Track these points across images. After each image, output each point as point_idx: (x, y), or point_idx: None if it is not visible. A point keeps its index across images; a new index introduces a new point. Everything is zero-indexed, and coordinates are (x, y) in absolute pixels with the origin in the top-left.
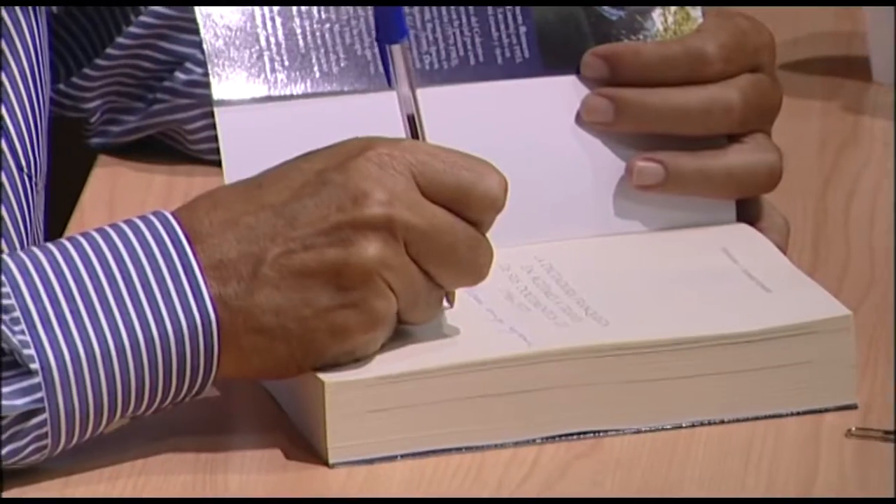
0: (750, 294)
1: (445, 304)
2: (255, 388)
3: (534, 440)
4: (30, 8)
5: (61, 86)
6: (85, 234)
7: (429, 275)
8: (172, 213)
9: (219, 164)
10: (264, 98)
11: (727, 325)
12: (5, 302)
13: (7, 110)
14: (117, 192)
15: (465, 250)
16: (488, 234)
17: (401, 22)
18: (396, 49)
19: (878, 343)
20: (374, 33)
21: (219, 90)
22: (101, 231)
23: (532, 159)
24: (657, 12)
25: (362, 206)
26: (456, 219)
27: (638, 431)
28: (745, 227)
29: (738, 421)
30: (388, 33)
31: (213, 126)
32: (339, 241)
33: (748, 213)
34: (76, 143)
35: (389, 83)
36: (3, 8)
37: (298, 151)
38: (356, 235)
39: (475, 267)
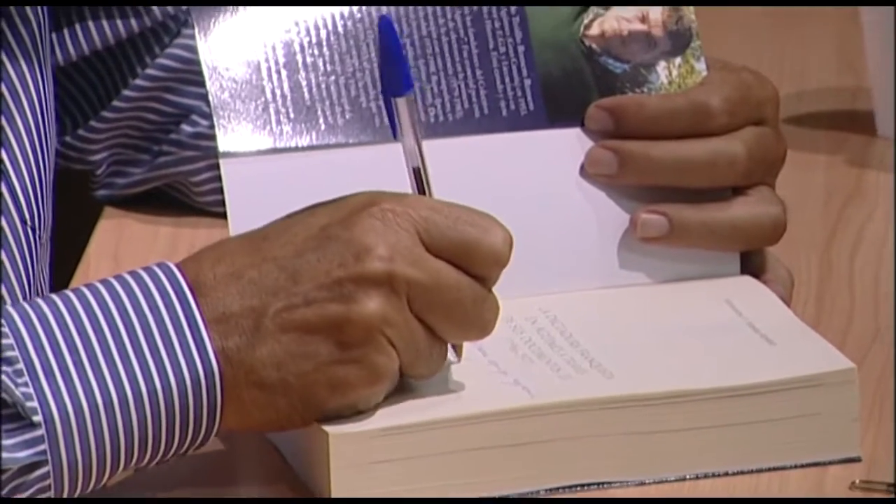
0: (754, 346)
1: (453, 357)
2: (258, 439)
3: (538, 492)
4: (35, 61)
5: (68, 138)
6: (89, 286)
7: (432, 330)
8: (177, 265)
9: (224, 215)
10: (270, 150)
11: (731, 377)
12: (8, 353)
13: (11, 164)
14: (123, 243)
15: (470, 306)
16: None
17: (406, 75)
18: (401, 101)
19: (882, 396)
20: (379, 86)
21: (224, 142)
22: (104, 282)
23: (537, 211)
24: (661, 66)
25: (364, 261)
26: (461, 274)
27: (642, 483)
28: (749, 280)
29: (741, 473)
30: (393, 86)
31: (219, 178)
32: (341, 297)
33: (752, 265)
34: (82, 195)
35: (395, 136)
36: (7, 61)
37: (303, 203)
38: (358, 291)
39: (481, 322)
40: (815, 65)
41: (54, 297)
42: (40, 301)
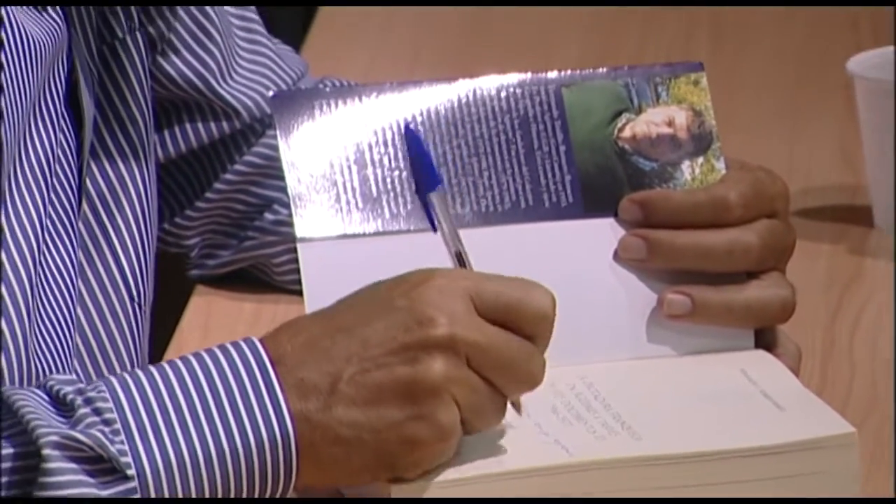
0: (766, 412)
1: (513, 412)
2: (331, 493)
3: None
4: (142, 158)
5: (166, 225)
6: (182, 358)
7: (491, 384)
8: (259, 340)
9: (300, 293)
10: (340, 236)
11: (746, 439)
12: (107, 416)
13: (122, 249)
14: (212, 317)
15: (520, 362)
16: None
17: (433, 173)
18: (434, 196)
19: (879, 458)
20: (413, 187)
21: (301, 229)
22: (195, 355)
23: (575, 291)
24: (686, 164)
25: (427, 328)
26: (510, 335)
27: None
28: (762, 353)
29: None
30: (425, 184)
31: (296, 260)
32: (408, 360)
33: (765, 340)
34: (177, 275)
35: (434, 228)
36: (119, 159)
37: (370, 282)
38: (423, 354)
39: (531, 377)
40: (819, 164)
41: (151, 367)
42: (139, 371)
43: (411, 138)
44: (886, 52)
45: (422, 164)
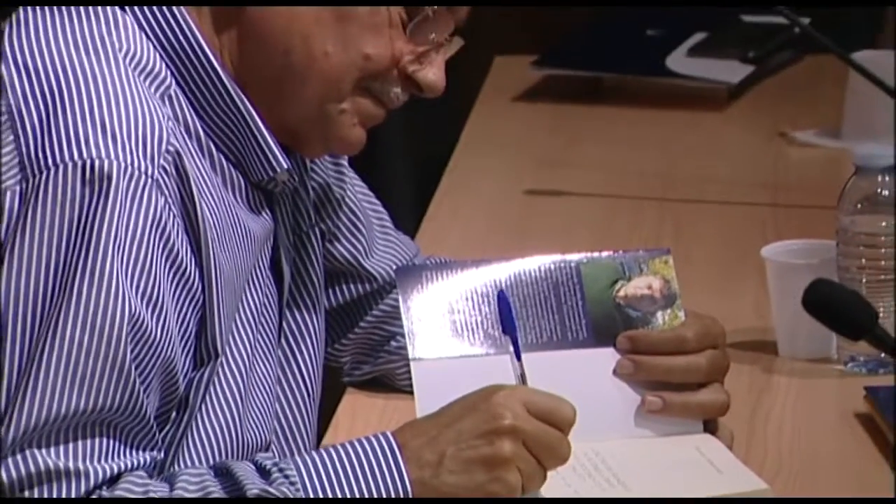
0: (711, 474)
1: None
2: None
3: None
4: (319, 308)
5: (329, 349)
6: (342, 444)
7: (538, 460)
8: (391, 433)
9: (411, 393)
10: (439, 358)
11: (698, 491)
12: (293, 479)
13: (304, 366)
14: (357, 410)
15: (555, 446)
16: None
17: (513, 325)
18: (508, 338)
19: None
20: (501, 328)
21: (413, 352)
22: (350, 442)
23: (589, 393)
24: (659, 314)
25: (498, 421)
26: (549, 427)
27: None
28: (708, 436)
29: None
30: (507, 329)
31: (410, 372)
32: (489, 443)
33: (709, 427)
34: (334, 381)
35: (518, 357)
36: (303, 309)
37: (462, 392)
38: (496, 439)
39: (561, 454)
40: (742, 314)
41: (322, 450)
42: (314, 452)
43: (502, 300)
44: (785, 244)
45: (506, 319)
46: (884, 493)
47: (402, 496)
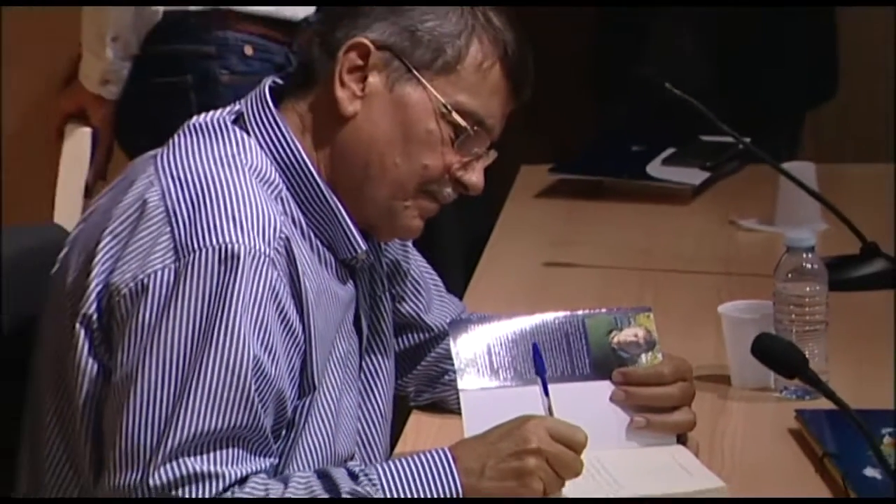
0: (681, 475)
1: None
2: None
3: None
4: (389, 354)
5: (398, 381)
6: (410, 455)
7: (557, 473)
8: (448, 448)
9: (460, 414)
10: (483, 388)
11: (673, 488)
12: (375, 481)
13: (380, 397)
14: (420, 427)
15: (572, 464)
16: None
17: (542, 367)
18: (538, 379)
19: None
20: (534, 370)
21: (462, 384)
22: (416, 454)
23: (591, 414)
24: (643, 356)
25: (527, 444)
26: (567, 450)
27: None
28: (680, 446)
29: None
30: (538, 370)
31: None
32: (518, 459)
33: (681, 439)
34: (402, 407)
35: (546, 393)
36: (379, 355)
37: (498, 413)
38: (525, 456)
39: (575, 470)
40: (703, 353)
41: (397, 459)
42: (391, 461)
43: (535, 350)
44: (735, 303)
45: (538, 362)
46: (811, 490)
47: (453, 496)
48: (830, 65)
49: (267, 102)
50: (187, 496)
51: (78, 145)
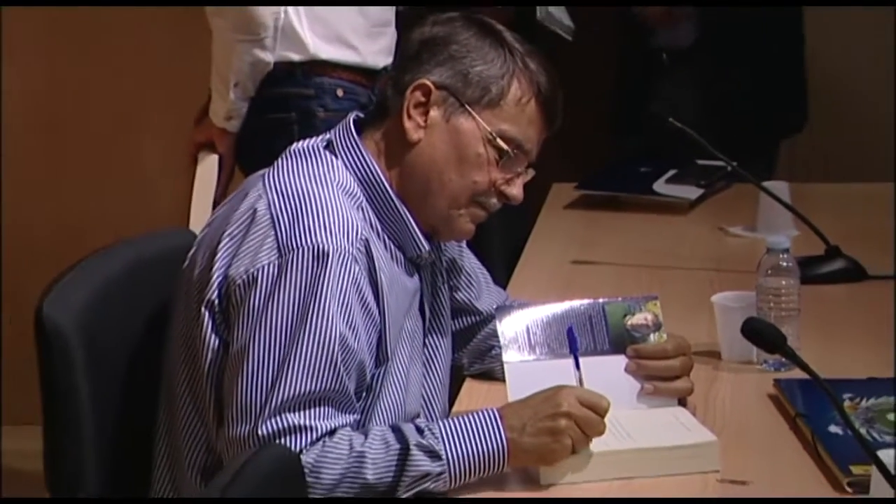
0: (681, 430)
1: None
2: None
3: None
4: (447, 333)
5: (455, 354)
6: (466, 414)
7: (584, 432)
8: (497, 409)
9: (505, 382)
10: (523, 361)
11: (674, 441)
12: (437, 434)
13: (439, 366)
14: (472, 391)
15: (596, 425)
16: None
17: (575, 347)
18: (572, 357)
19: (725, 449)
20: (565, 346)
21: (506, 357)
22: (471, 412)
23: (611, 381)
24: (651, 336)
25: (560, 408)
26: (593, 414)
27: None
28: (680, 408)
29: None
30: (572, 349)
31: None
32: (552, 420)
33: (681, 402)
34: (458, 374)
35: (577, 366)
36: (437, 334)
37: (535, 382)
38: (559, 418)
39: (599, 430)
40: (700, 333)
41: (456, 417)
42: (450, 418)
43: (570, 331)
44: (725, 294)
45: (572, 343)
46: (786, 445)
47: (499, 449)
48: (801, 102)
49: (351, 132)
50: (289, 445)
51: (208, 168)
